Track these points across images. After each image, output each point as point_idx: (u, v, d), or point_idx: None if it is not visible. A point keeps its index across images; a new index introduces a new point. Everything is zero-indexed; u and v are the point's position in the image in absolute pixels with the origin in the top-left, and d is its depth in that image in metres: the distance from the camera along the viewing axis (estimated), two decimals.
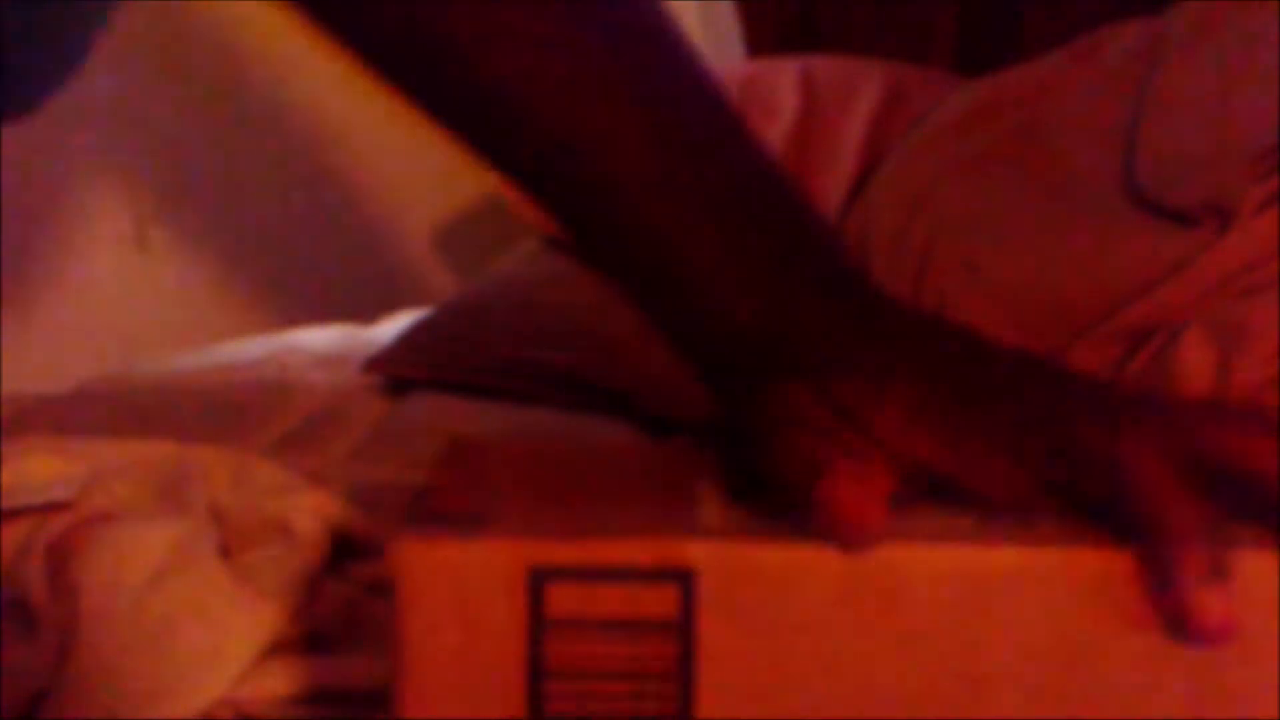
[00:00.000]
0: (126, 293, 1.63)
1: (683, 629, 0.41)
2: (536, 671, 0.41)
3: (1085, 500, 0.42)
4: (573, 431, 1.01)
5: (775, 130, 1.19)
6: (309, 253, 1.73)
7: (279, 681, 0.56)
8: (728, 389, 0.49)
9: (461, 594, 0.41)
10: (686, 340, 0.51)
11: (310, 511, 0.64)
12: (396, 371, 1.15)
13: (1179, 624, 0.40)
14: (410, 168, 1.75)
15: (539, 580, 0.41)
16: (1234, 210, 0.87)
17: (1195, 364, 0.82)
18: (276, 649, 0.57)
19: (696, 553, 0.41)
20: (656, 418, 1.00)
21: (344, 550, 0.63)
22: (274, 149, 1.70)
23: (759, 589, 0.41)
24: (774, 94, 1.23)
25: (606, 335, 1.05)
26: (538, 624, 0.41)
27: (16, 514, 0.63)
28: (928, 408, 0.43)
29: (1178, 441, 0.42)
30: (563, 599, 0.41)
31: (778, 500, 0.43)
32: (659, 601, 0.41)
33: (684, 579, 0.41)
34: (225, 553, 0.61)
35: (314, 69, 1.66)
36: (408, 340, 1.18)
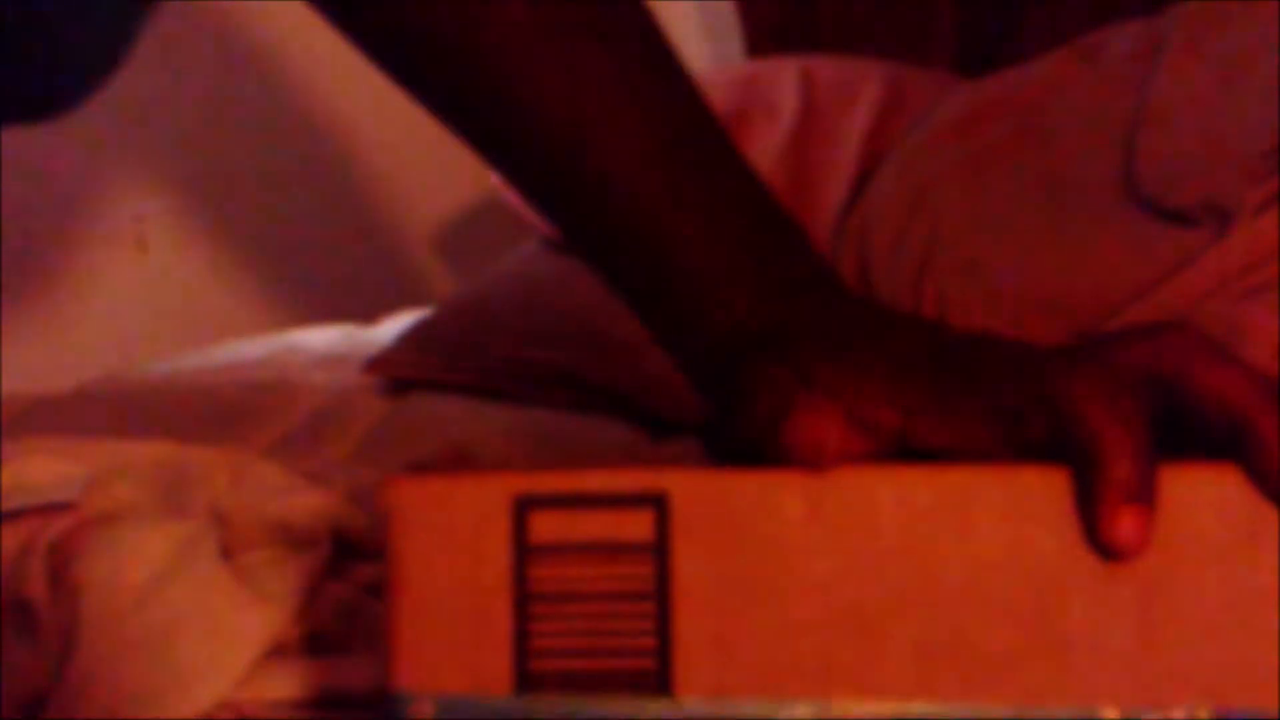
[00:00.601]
0: (126, 293, 1.63)
1: (658, 551, 0.43)
2: (522, 595, 0.43)
3: (1038, 445, 0.44)
4: (573, 431, 1.01)
5: (775, 130, 1.19)
6: (309, 252, 1.73)
7: (280, 684, 0.56)
8: (710, 380, 0.50)
9: (449, 525, 0.44)
10: (673, 335, 0.52)
11: (311, 512, 0.64)
12: (396, 372, 1.15)
13: (1098, 539, 0.42)
14: (410, 168, 1.75)
15: (522, 508, 0.44)
16: (1234, 211, 0.87)
17: None
18: (277, 651, 0.57)
19: (670, 479, 0.44)
20: (656, 418, 1.00)
21: (345, 551, 0.63)
22: (274, 149, 1.70)
23: (729, 511, 0.43)
24: (774, 94, 1.23)
25: (606, 335, 1.05)
26: (522, 550, 0.43)
27: (17, 515, 0.63)
28: (893, 380, 0.45)
29: (1122, 373, 0.43)
30: (545, 526, 0.44)
31: (749, 454, 0.46)
32: (636, 526, 0.43)
33: (658, 503, 0.43)
34: (226, 554, 0.61)
35: (314, 69, 1.67)
36: (408, 340, 1.18)
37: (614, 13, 0.54)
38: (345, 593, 0.61)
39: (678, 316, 0.51)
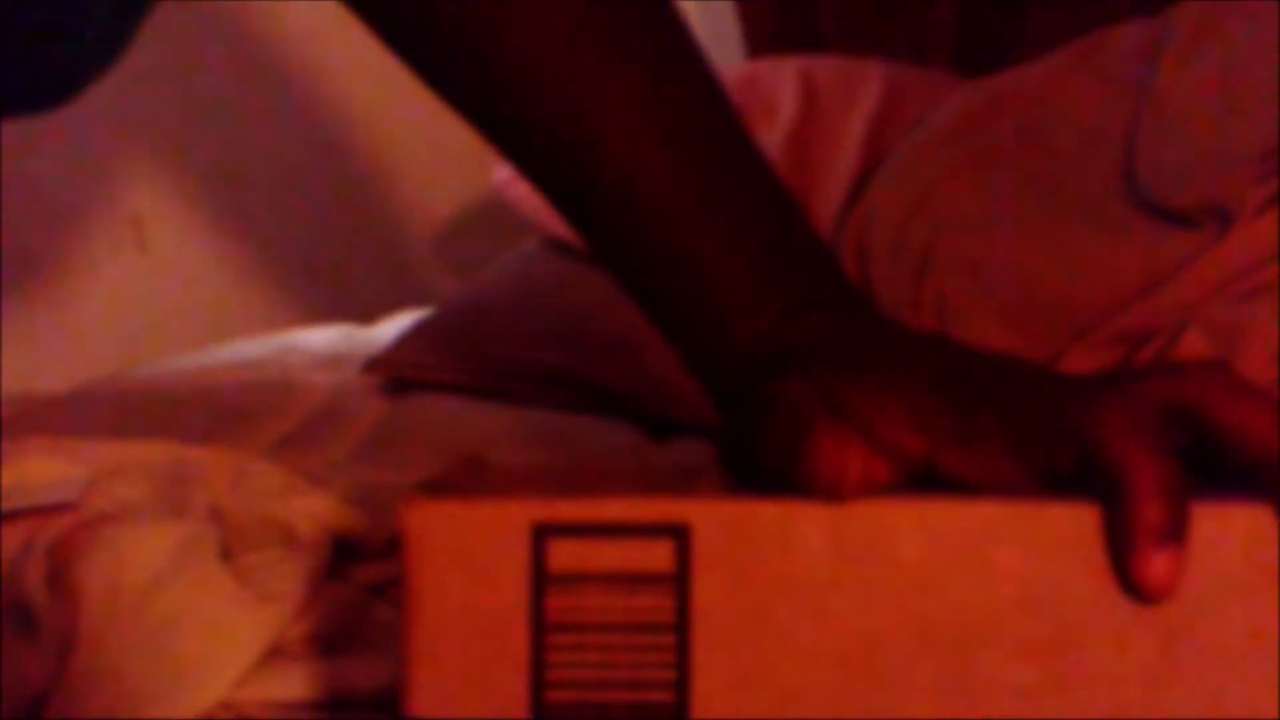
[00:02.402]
0: (126, 293, 1.63)
1: (679, 582, 0.43)
2: (539, 625, 0.43)
3: (1064, 476, 0.43)
4: (573, 432, 1.01)
5: (775, 131, 1.19)
6: (309, 253, 1.73)
7: (279, 684, 0.56)
8: (730, 396, 0.49)
9: (467, 550, 0.43)
10: (693, 349, 0.51)
11: (311, 513, 0.64)
12: (396, 372, 1.15)
13: (1129, 580, 0.42)
14: (411, 168, 1.75)
15: (542, 536, 0.43)
16: (1234, 212, 0.87)
17: None
18: (277, 652, 0.57)
19: (691, 509, 0.43)
20: (656, 418, 1.00)
21: (345, 552, 0.63)
22: (274, 149, 1.70)
23: (750, 543, 0.43)
24: (774, 94, 1.23)
25: (606, 335, 1.05)
26: (540, 579, 0.43)
27: (17, 515, 0.63)
28: (917, 404, 0.44)
29: (1150, 407, 0.43)
30: (564, 554, 0.43)
31: (768, 475, 0.45)
32: (656, 556, 0.43)
33: (679, 534, 0.43)
34: (226, 555, 0.61)
35: (315, 69, 1.67)
36: (408, 340, 1.18)
37: (645, 17, 0.53)
38: (345, 593, 0.61)
39: (699, 331, 0.50)
